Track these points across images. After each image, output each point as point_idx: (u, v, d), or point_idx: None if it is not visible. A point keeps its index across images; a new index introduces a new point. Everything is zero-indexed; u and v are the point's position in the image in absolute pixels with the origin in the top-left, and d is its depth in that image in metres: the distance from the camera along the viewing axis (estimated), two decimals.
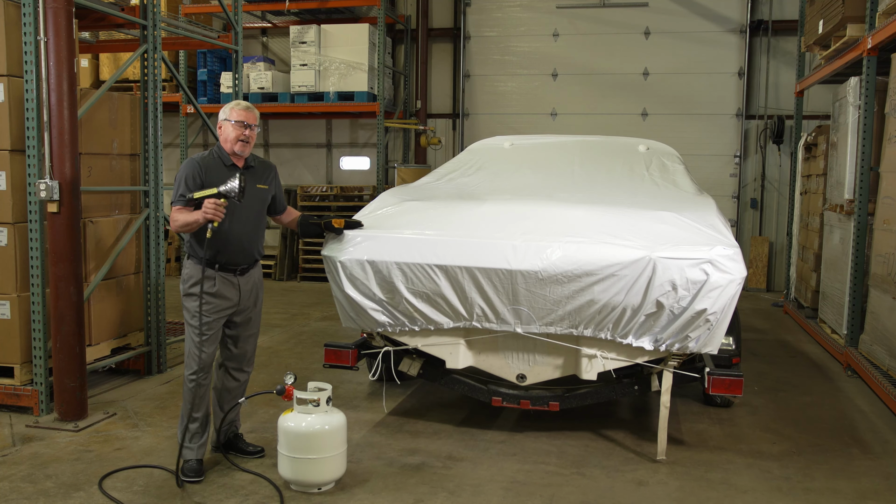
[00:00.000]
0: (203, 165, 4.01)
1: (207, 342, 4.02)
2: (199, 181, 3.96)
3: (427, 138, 11.82)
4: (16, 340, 4.92)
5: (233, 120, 4.00)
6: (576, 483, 4.08)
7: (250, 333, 4.28)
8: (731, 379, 4.31)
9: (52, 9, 4.58)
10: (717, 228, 4.27)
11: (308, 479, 3.83)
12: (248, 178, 4.05)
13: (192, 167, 4.00)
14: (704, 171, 10.70)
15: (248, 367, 4.35)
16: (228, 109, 4.06)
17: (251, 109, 4.09)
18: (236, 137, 4.00)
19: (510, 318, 4.27)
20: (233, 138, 4.00)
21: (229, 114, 4.03)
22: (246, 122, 4.01)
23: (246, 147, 4.05)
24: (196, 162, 4.02)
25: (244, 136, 4.01)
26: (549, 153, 6.26)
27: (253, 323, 4.27)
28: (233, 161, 4.07)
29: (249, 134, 4.03)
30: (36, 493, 3.80)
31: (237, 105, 4.07)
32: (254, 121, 4.06)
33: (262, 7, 11.56)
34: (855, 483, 4.16)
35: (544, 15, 11.57)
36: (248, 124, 4.02)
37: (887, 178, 6.01)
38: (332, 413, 3.89)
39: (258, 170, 4.20)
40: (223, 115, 4.05)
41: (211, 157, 4.08)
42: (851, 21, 6.64)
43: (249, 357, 4.34)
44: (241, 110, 4.04)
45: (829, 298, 7.42)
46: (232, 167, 4.05)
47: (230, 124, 4.01)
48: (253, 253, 4.16)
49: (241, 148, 4.02)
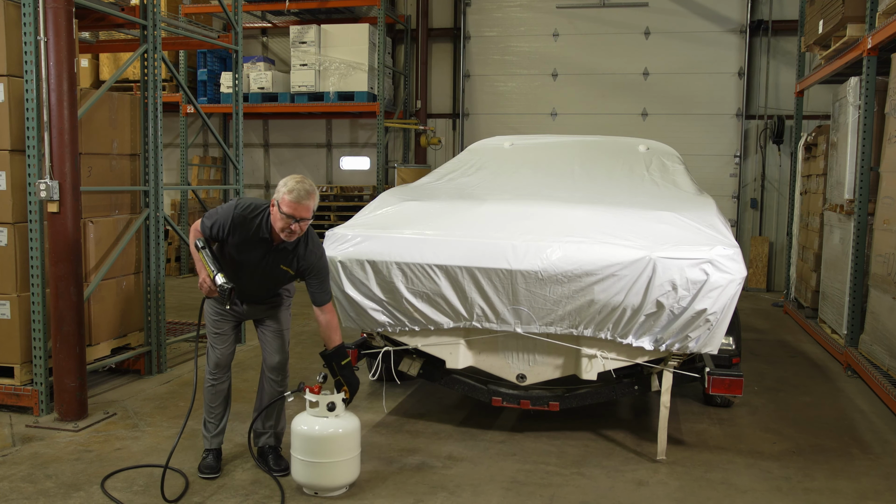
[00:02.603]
0: (237, 223, 3.77)
1: (217, 340, 4.04)
2: (223, 235, 3.80)
3: (427, 138, 11.82)
4: (16, 340, 4.92)
5: (283, 210, 3.63)
6: (576, 483, 4.08)
7: (274, 331, 4.10)
8: (731, 379, 4.32)
9: (52, 9, 4.58)
10: (717, 228, 4.28)
11: (322, 482, 3.79)
12: (274, 256, 3.83)
13: (227, 219, 3.77)
14: (704, 171, 10.70)
15: (276, 376, 4.11)
16: (282, 192, 3.62)
17: (305, 200, 3.61)
18: (282, 228, 3.67)
19: (510, 318, 4.27)
20: (278, 228, 3.68)
21: (281, 199, 3.63)
22: (295, 217, 3.63)
23: (292, 237, 3.72)
24: (233, 217, 3.77)
25: (289, 230, 3.67)
26: (549, 153, 6.26)
27: (275, 320, 4.12)
28: (270, 235, 3.78)
29: (298, 227, 3.67)
30: (36, 493, 3.80)
31: (290, 193, 3.60)
32: (306, 214, 3.63)
33: (262, 7, 11.57)
34: (855, 483, 4.16)
35: (544, 15, 11.58)
36: (298, 218, 3.64)
37: (887, 178, 6.01)
38: (346, 416, 3.84)
39: (291, 254, 3.85)
40: (277, 195, 3.66)
41: (254, 219, 3.77)
42: (851, 21, 6.64)
43: (278, 364, 4.10)
44: (291, 201, 3.60)
45: (829, 298, 7.42)
46: (262, 241, 3.80)
47: (279, 213, 3.65)
48: (265, 300, 4.06)
49: (286, 237, 3.71)
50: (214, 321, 4.03)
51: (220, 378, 4.12)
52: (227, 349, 4.10)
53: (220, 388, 4.14)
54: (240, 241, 3.80)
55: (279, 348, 4.13)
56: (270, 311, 4.12)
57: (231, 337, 4.12)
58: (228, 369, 4.17)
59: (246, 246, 3.82)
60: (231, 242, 3.83)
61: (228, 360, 4.14)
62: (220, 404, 4.17)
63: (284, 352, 4.15)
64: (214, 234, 3.83)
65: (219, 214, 3.82)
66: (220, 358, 4.08)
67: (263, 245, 3.82)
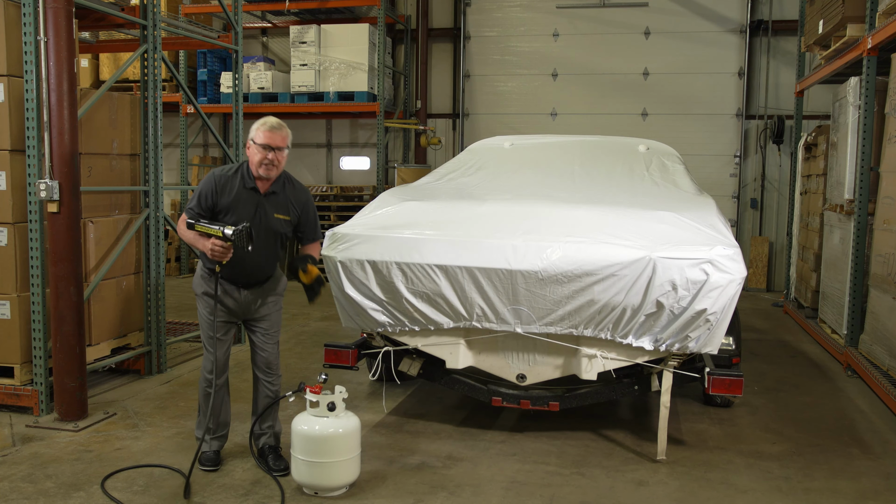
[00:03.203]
0: (220, 184, 3.84)
1: (213, 344, 4.02)
2: (211, 202, 3.84)
3: (427, 138, 11.83)
4: (16, 340, 4.92)
5: (257, 142, 3.77)
6: (576, 483, 4.08)
7: (267, 331, 4.13)
8: (731, 379, 4.31)
9: (52, 9, 4.57)
10: (717, 228, 4.28)
11: (322, 482, 3.79)
12: (268, 206, 3.88)
13: (209, 185, 3.85)
14: (704, 171, 10.70)
15: (269, 377, 4.16)
16: (255, 129, 3.81)
17: (278, 129, 3.80)
18: (260, 161, 3.78)
19: (510, 318, 4.27)
20: (256, 162, 3.79)
21: (255, 134, 3.79)
22: (271, 145, 3.75)
23: (272, 170, 3.81)
24: (214, 180, 3.85)
25: (268, 160, 3.77)
26: (549, 153, 6.26)
27: (268, 320, 4.14)
28: (255, 184, 3.86)
29: (274, 157, 3.77)
30: (36, 493, 3.80)
31: (263, 125, 3.81)
32: (281, 142, 3.77)
33: (262, 7, 11.57)
34: (855, 483, 4.16)
35: (544, 15, 11.58)
36: (274, 147, 3.75)
37: (887, 178, 6.01)
38: (346, 416, 3.84)
39: (281, 197, 3.95)
40: (250, 135, 3.83)
41: (234, 175, 3.88)
42: (851, 21, 6.64)
43: (271, 365, 4.16)
44: (265, 131, 3.77)
45: (829, 298, 7.42)
46: (252, 191, 3.87)
47: (255, 146, 3.78)
48: (263, 274, 4.05)
49: (265, 171, 3.81)
50: (209, 325, 4.01)
51: (219, 382, 4.12)
52: (224, 353, 4.11)
53: (220, 393, 4.14)
54: (230, 200, 3.84)
55: (272, 349, 4.16)
56: (264, 307, 4.11)
57: (227, 342, 4.12)
58: (226, 372, 4.17)
59: (237, 203, 3.84)
60: (222, 204, 3.85)
61: (226, 364, 4.15)
62: (220, 407, 4.17)
63: (277, 352, 4.20)
64: (205, 205, 3.86)
65: (200, 188, 3.88)
66: (218, 362, 4.08)
67: (253, 197, 3.87)
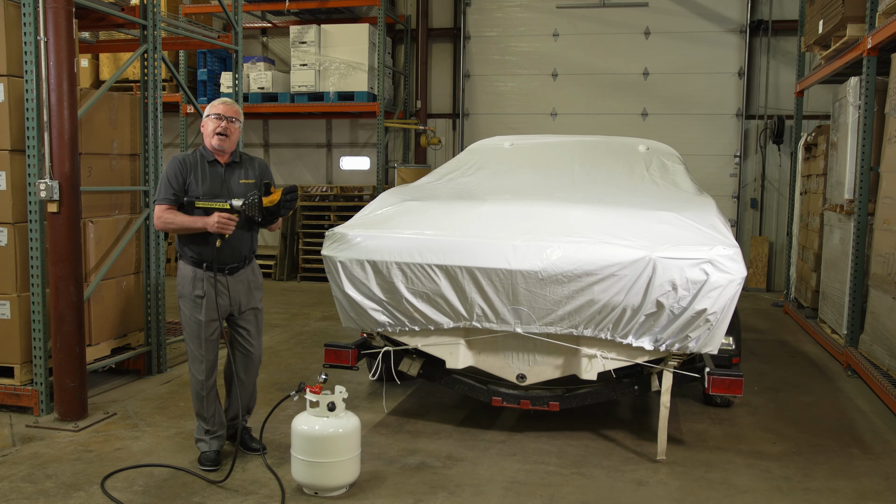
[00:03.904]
0: (185, 164, 3.98)
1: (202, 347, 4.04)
2: (182, 180, 3.94)
3: (427, 138, 11.82)
4: (16, 340, 4.92)
5: (211, 114, 3.99)
6: (576, 483, 4.08)
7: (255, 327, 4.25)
8: (731, 379, 4.31)
9: (52, 9, 4.58)
10: (717, 228, 4.28)
11: (322, 482, 3.79)
12: (230, 175, 4.04)
13: (175, 166, 3.97)
14: (704, 171, 10.69)
15: (251, 374, 4.31)
16: (208, 107, 4.06)
17: (229, 103, 4.05)
18: (213, 130, 3.97)
19: (510, 318, 4.27)
20: (210, 131, 3.98)
21: (208, 109, 4.03)
22: (223, 115, 3.97)
23: (225, 141, 3.99)
24: (179, 161, 3.98)
25: (221, 129, 3.97)
26: (549, 153, 6.26)
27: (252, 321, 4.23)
28: (215, 157, 4.03)
29: (227, 126, 3.98)
30: (36, 493, 3.80)
31: (217, 101, 4.07)
32: (233, 114, 4.01)
33: (262, 7, 11.56)
34: (855, 483, 4.16)
35: (544, 15, 11.57)
36: (226, 116, 3.98)
37: (887, 178, 6.01)
38: (346, 416, 3.85)
39: (241, 165, 4.13)
40: (204, 114, 4.05)
41: (194, 155, 4.05)
42: (851, 21, 6.64)
43: (258, 358, 4.32)
44: (217, 104, 4.02)
45: (829, 298, 7.42)
46: (214, 164, 4.02)
47: (208, 119, 4.00)
48: (243, 253, 4.11)
49: (219, 142, 3.98)
50: (198, 325, 4.03)
51: (213, 385, 4.15)
52: (213, 356, 4.12)
53: (213, 395, 4.17)
54: (196, 175, 3.97)
55: (258, 344, 4.30)
56: (252, 300, 4.18)
57: (215, 343, 4.13)
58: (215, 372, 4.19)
59: (204, 177, 3.97)
60: (190, 180, 3.95)
61: (215, 366, 4.17)
62: (216, 408, 4.18)
63: (260, 356, 4.37)
64: (177, 185, 3.94)
65: (166, 172, 4.00)
66: (209, 365, 4.10)
67: (217, 169, 4.01)
